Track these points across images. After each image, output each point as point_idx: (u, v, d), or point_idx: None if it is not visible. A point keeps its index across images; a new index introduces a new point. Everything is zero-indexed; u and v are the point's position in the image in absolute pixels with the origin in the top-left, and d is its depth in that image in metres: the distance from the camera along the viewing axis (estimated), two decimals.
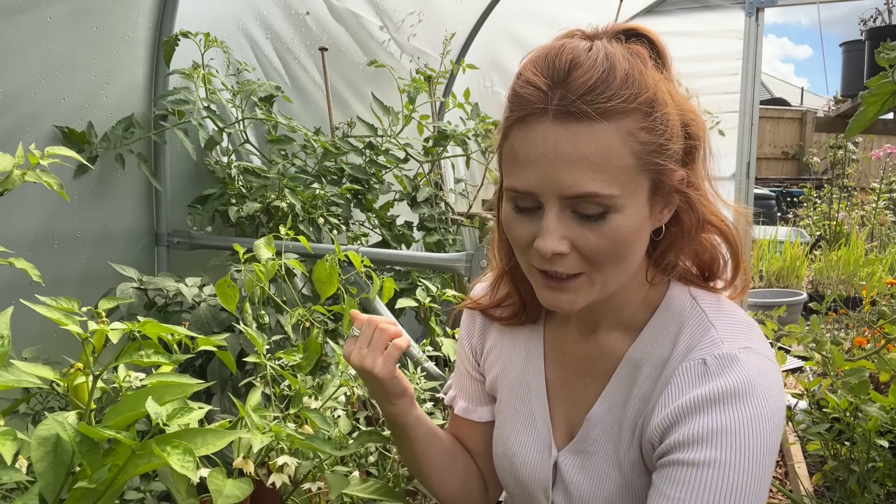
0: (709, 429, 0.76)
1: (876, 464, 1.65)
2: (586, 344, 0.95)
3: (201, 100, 2.08)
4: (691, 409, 0.78)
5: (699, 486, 0.74)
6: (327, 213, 2.22)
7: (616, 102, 0.74)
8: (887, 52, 1.07)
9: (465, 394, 1.12)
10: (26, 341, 1.43)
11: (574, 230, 0.78)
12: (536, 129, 0.76)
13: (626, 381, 0.90)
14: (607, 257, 0.79)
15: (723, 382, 0.78)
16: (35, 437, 0.82)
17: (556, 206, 0.77)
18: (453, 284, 2.62)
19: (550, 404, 0.99)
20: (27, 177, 1.19)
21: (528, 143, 0.77)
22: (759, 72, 3.42)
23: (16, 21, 1.66)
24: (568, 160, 0.75)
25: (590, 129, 0.74)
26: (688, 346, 0.84)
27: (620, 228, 0.77)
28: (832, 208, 7.12)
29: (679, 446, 0.77)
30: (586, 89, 0.74)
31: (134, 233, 2.09)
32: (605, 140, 0.74)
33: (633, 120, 0.75)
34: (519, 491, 1.01)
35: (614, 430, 0.90)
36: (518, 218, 0.82)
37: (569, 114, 0.74)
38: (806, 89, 17.06)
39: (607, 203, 0.76)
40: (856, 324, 2.73)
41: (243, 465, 1.14)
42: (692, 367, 0.81)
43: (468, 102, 2.77)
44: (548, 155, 0.75)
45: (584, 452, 0.93)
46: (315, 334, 1.56)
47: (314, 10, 2.71)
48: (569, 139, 0.74)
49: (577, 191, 0.75)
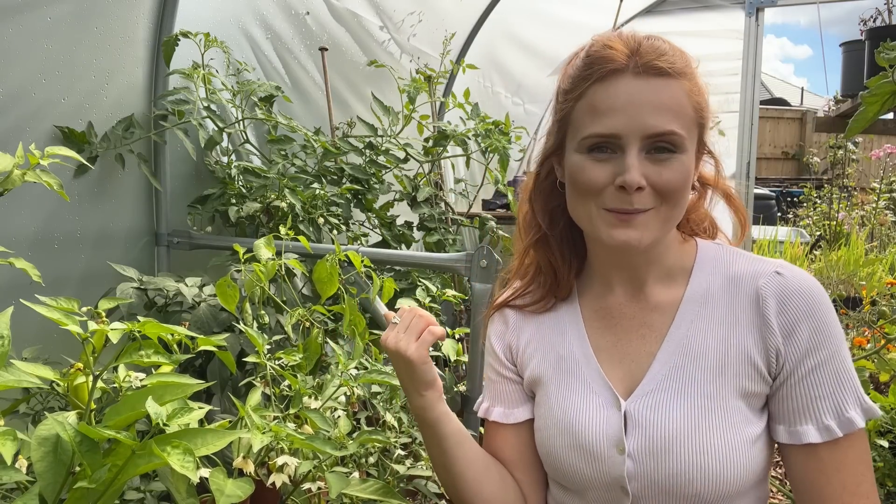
0: (820, 328, 0.91)
1: (876, 464, 1.65)
2: (637, 301, 1.02)
3: (201, 100, 2.08)
4: (798, 318, 0.91)
5: (835, 374, 0.90)
6: (327, 213, 2.22)
7: (680, 66, 0.92)
8: (887, 52, 1.07)
9: (499, 400, 1.12)
10: (26, 341, 1.43)
11: (650, 168, 0.90)
12: (618, 83, 0.91)
13: (692, 317, 0.98)
14: (675, 190, 0.92)
15: (803, 287, 0.93)
16: (35, 437, 0.82)
17: (637, 147, 0.90)
18: (453, 284, 2.63)
19: (604, 368, 1.01)
20: (27, 177, 1.19)
21: (612, 94, 0.91)
22: (759, 72, 3.42)
23: (16, 21, 1.66)
24: (650, 106, 0.89)
25: (665, 83, 0.90)
26: (746, 266, 0.98)
27: (686, 165, 0.92)
28: (832, 208, 7.11)
29: (808, 354, 0.91)
30: (658, 53, 0.91)
31: (134, 233, 2.09)
32: (677, 91, 0.91)
33: (689, 82, 0.93)
34: (584, 465, 0.97)
35: (686, 362, 0.96)
36: (592, 164, 0.93)
37: (648, 69, 0.90)
38: (806, 89, 17.06)
39: (678, 142, 0.90)
40: (856, 324, 2.73)
41: (243, 465, 1.14)
42: (772, 279, 0.94)
43: (468, 102, 2.77)
44: (633, 102, 0.90)
45: (654, 391, 0.96)
46: (315, 334, 1.56)
47: (314, 10, 2.71)
48: (650, 89, 0.90)
49: (660, 129, 0.89)
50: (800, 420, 0.91)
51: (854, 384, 0.91)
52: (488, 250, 1.76)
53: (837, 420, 0.89)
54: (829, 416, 0.90)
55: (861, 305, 3.37)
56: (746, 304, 0.95)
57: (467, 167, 3.31)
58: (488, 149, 2.58)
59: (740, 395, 0.93)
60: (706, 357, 0.95)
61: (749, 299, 0.95)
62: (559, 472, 1.02)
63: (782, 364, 0.92)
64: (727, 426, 0.91)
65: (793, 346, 0.91)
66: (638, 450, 0.93)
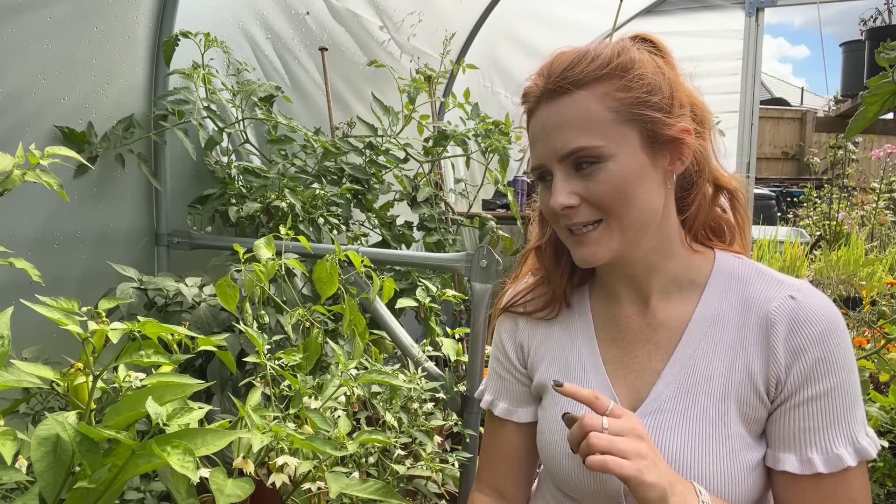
0: (825, 359, 0.87)
1: (876, 464, 1.65)
2: (645, 315, 1.00)
3: (201, 100, 2.08)
4: (804, 346, 0.88)
5: (829, 409, 0.87)
6: (327, 213, 2.22)
7: (587, 73, 0.90)
8: (887, 52, 1.07)
9: (504, 395, 1.12)
10: (26, 341, 1.43)
11: (578, 184, 0.91)
12: (538, 114, 0.95)
13: (700, 338, 0.95)
14: (611, 200, 0.90)
15: (817, 313, 0.89)
16: (35, 437, 0.82)
17: (559, 169, 0.92)
18: (453, 284, 2.62)
19: (610, 380, 1.00)
20: (27, 177, 1.19)
21: (533, 126, 0.96)
22: (759, 72, 3.42)
23: (16, 21, 1.66)
24: (556, 127, 0.91)
25: (569, 100, 0.91)
26: (763, 290, 0.94)
27: (615, 173, 0.89)
28: (832, 208, 7.11)
29: (805, 383, 0.88)
30: (563, 69, 0.92)
31: (134, 233, 2.08)
32: (582, 104, 0.90)
33: (608, 84, 0.90)
34: (583, 475, 0.97)
35: (691, 384, 0.94)
36: (543, 192, 0.97)
37: (553, 92, 0.92)
38: (806, 89, 17.06)
39: (595, 153, 0.89)
40: (856, 324, 2.73)
41: (243, 465, 1.14)
42: (784, 304, 0.90)
43: (468, 102, 2.76)
44: (544, 129, 0.93)
45: (657, 412, 0.94)
46: (315, 334, 1.56)
47: (314, 10, 2.71)
48: (555, 111, 0.92)
49: (566, 149, 0.90)
50: (783, 447, 0.89)
51: (850, 422, 0.87)
52: (488, 250, 1.76)
53: (824, 456, 0.86)
54: (814, 449, 0.87)
55: (861, 305, 3.37)
56: (756, 329, 0.92)
57: (467, 167, 3.31)
58: (488, 149, 2.58)
59: (742, 420, 0.92)
60: (711, 380, 0.93)
61: (759, 325, 0.92)
62: (559, 478, 1.02)
63: (780, 391, 0.90)
64: (727, 452, 0.90)
65: (794, 373, 0.88)
66: None
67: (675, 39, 0.97)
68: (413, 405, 1.60)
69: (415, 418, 1.59)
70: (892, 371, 1.76)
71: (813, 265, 5.67)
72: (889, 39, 1.14)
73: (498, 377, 1.14)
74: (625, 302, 1.02)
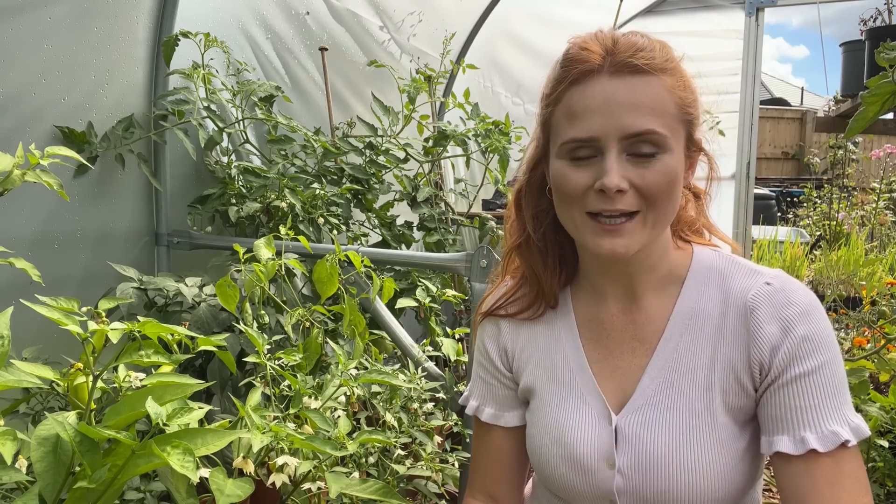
0: (809, 338, 0.87)
1: (876, 464, 1.65)
2: (629, 313, 1.00)
3: (201, 100, 2.08)
4: (785, 328, 0.88)
5: (818, 387, 0.87)
6: (327, 213, 2.22)
7: (660, 61, 0.88)
8: (887, 52, 1.07)
9: (490, 400, 1.11)
10: (26, 341, 1.43)
11: (631, 170, 0.87)
12: (594, 85, 0.88)
13: (682, 331, 0.96)
14: (660, 193, 0.88)
15: (797, 293, 0.90)
16: (35, 437, 0.82)
17: (616, 148, 0.87)
18: (453, 284, 2.62)
19: (597, 380, 1.00)
20: (27, 177, 1.19)
21: (587, 96, 0.88)
22: (759, 72, 3.43)
23: (16, 21, 1.66)
24: (627, 104, 0.86)
25: (642, 80, 0.87)
26: (740, 281, 0.94)
27: (670, 166, 0.88)
28: (832, 208, 7.11)
29: (792, 363, 0.88)
30: (635, 49, 0.88)
31: (134, 233, 2.09)
32: (656, 88, 0.87)
33: (671, 77, 0.89)
34: (575, 477, 0.97)
35: (676, 377, 0.94)
36: (573, 169, 0.90)
37: (624, 67, 0.87)
38: (805, 89, 17.05)
39: (660, 142, 0.87)
40: (856, 324, 2.73)
41: (243, 465, 1.14)
42: (761, 291, 0.91)
43: (468, 102, 2.76)
44: (608, 103, 0.87)
45: (644, 407, 0.95)
46: (315, 334, 1.56)
47: (314, 10, 2.71)
48: (626, 88, 0.87)
49: (637, 128, 0.86)
50: (776, 429, 0.89)
51: (841, 402, 0.87)
52: (488, 250, 1.76)
53: (818, 434, 0.85)
54: (808, 428, 0.86)
55: (861, 305, 3.37)
56: (735, 318, 0.92)
57: (467, 167, 3.31)
58: (488, 149, 2.58)
59: (727, 410, 0.92)
60: (695, 373, 0.93)
61: (738, 314, 0.92)
62: (549, 481, 1.02)
63: (766, 374, 0.90)
64: (715, 442, 0.90)
65: (781, 353, 0.88)
66: (627, 466, 0.93)
67: (675, 39, 0.96)
68: (413, 405, 1.60)
69: (415, 418, 1.59)
70: (892, 371, 1.76)
71: (813, 265, 5.67)
72: (889, 39, 1.14)
73: (483, 382, 1.13)
74: (610, 300, 1.01)
